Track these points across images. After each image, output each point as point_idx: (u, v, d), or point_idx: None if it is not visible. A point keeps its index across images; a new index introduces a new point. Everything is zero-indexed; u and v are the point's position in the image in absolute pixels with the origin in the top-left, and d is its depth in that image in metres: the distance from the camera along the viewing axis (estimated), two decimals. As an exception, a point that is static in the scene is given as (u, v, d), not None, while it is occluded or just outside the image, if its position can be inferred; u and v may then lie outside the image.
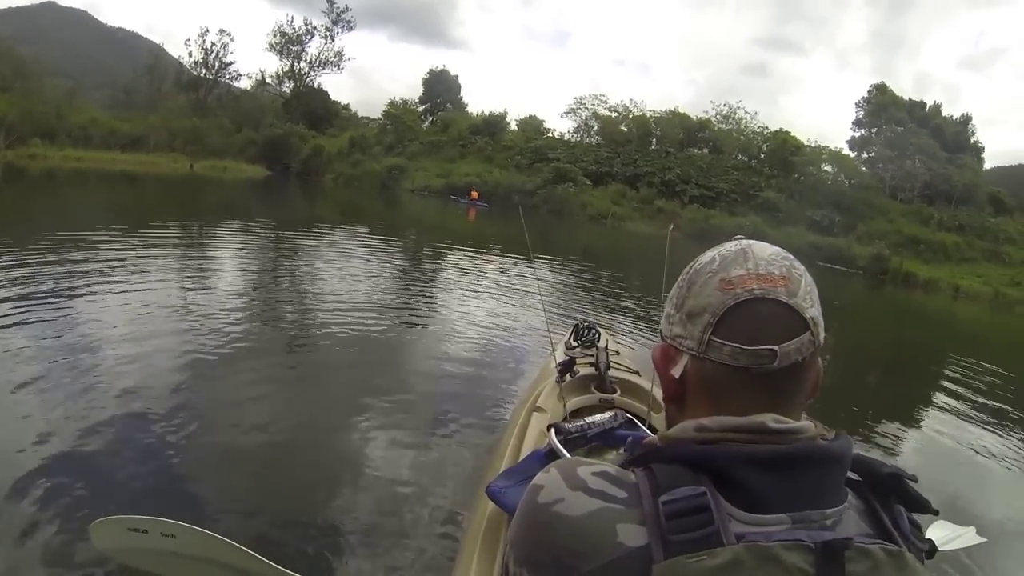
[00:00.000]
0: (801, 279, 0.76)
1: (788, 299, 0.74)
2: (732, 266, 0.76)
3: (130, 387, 4.38)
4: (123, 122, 43.80)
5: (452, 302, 9.41)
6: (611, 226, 41.12)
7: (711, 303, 0.75)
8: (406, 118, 57.56)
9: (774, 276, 0.74)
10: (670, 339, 0.81)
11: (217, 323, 6.27)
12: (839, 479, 0.73)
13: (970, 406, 7.81)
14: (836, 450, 0.73)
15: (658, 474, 0.71)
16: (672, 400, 0.82)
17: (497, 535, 1.82)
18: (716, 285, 0.76)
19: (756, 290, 0.74)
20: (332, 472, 3.70)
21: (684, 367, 0.79)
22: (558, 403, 2.86)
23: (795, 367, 0.74)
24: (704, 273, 0.78)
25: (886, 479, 0.76)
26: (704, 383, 0.77)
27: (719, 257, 0.78)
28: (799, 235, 42.04)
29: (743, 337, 0.73)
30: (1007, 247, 41.35)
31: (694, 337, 0.77)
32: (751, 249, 0.77)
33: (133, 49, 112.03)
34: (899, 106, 54.69)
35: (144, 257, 9.31)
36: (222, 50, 56.56)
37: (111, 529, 1.94)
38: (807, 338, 0.74)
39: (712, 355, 0.75)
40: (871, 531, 0.72)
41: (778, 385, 0.75)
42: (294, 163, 49.36)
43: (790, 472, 0.70)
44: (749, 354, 0.73)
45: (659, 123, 56.49)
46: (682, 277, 0.81)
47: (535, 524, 0.73)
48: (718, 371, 0.76)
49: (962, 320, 24.22)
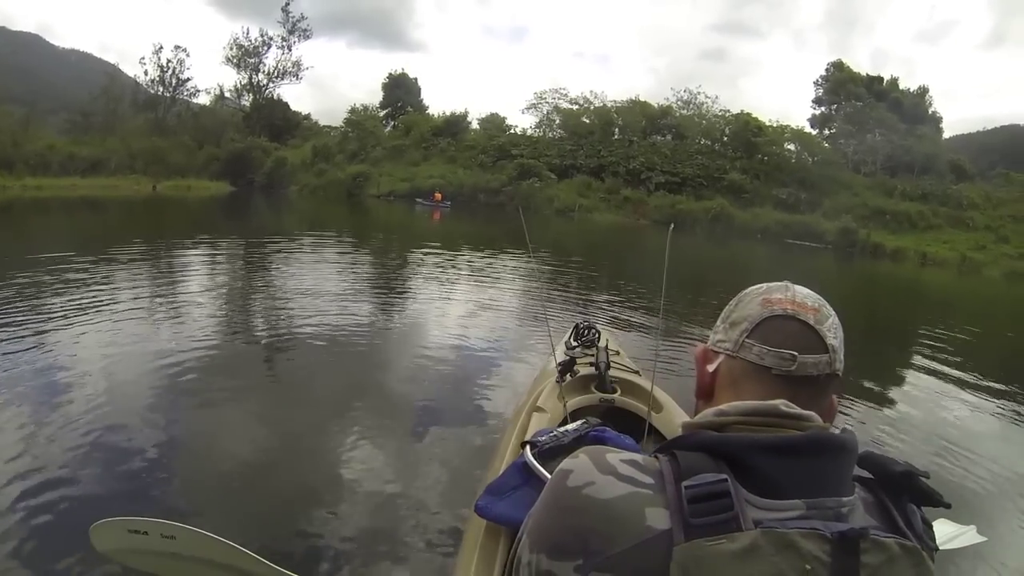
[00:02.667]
0: (830, 316, 0.87)
1: (815, 325, 0.84)
2: (775, 291, 0.89)
3: (110, 410, 4.35)
4: (81, 146, 43.16)
5: (442, 305, 9.52)
6: (578, 218, 41.62)
7: (750, 314, 0.87)
8: (368, 124, 57.69)
9: (807, 305, 0.86)
10: (712, 345, 0.93)
11: (201, 341, 6.24)
12: (849, 470, 0.78)
13: (944, 376, 7.87)
14: (846, 441, 0.78)
15: (681, 461, 0.75)
16: (703, 394, 0.93)
17: (493, 543, 1.84)
18: (758, 302, 0.88)
19: (790, 309, 0.85)
20: (330, 478, 3.72)
21: (718, 364, 0.90)
22: (558, 403, 2.86)
23: (811, 380, 0.83)
24: (751, 294, 0.91)
25: (899, 477, 0.79)
26: (731, 378, 0.88)
27: (766, 286, 0.91)
28: (766, 214, 43.31)
29: (771, 342, 0.84)
30: (970, 212, 42.68)
31: (732, 340, 0.88)
32: (793, 287, 0.90)
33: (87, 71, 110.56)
34: (857, 82, 56.02)
35: (112, 282, 9.15)
36: (178, 66, 56.25)
37: (111, 531, 1.96)
38: (825, 359, 0.84)
39: (743, 354, 0.86)
40: (880, 525, 0.75)
41: (793, 389, 0.83)
42: (258, 177, 49.10)
43: (802, 459, 0.75)
44: (773, 355, 0.83)
45: (621, 113, 57.39)
46: (733, 299, 0.95)
47: (565, 508, 0.77)
48: (745, 368, 0.86)
49: (931, 286, 24.88)
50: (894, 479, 0.79)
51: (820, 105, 57.43)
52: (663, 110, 56.75)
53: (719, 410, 0.83)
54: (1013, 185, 45.67)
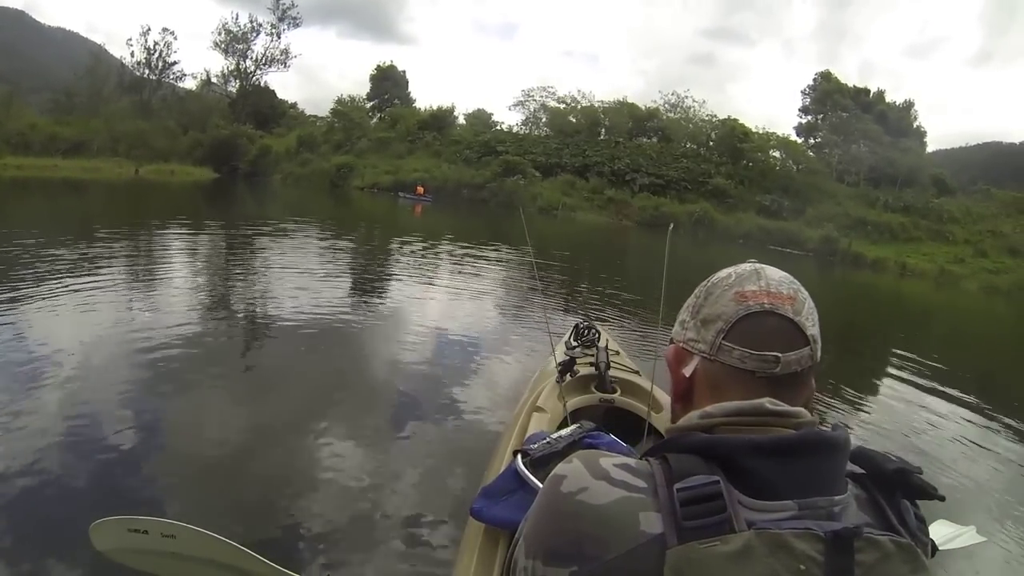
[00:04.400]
0: (805, 301, 0.85)
1: (793, 316, 0.82)
2: (746, 282, 0.85)
3: (83, 401, 4.30)
4: (64, 126, 43.28)
5: (441, 300, 9.61)
6: (561, 217, 41.93)
7: (725, 311, 0.84)
8: (354, 115, 57.91)
9: (783, 295, 0.84)
10: (683, 342, 0.90)
11: (187, 328, 6.22)
12: (841, 467, 0.78)
13: (921, 382, 8.06)
14: (839, 438, 0.77)
15: (672, 463, 0.75)
16: (680, 397, 0.91)
17: (492, 545, 1.85)
18: (731, 296, 0.85)
19: (766, 304, 0.82)
20: (328, 478, 3.71)
21: (695, 367, 0.87)
22: (558, 403, 2.86)
23: (794, 376, 0.82)
24: (720, 286, 0.87)
25: (892, 474, 0.80)
26: (711, 381, 0.85)
27: (735, 274, 0.88)
28: (749, 219, 43.89)
29: (751, 343, 0.82)
30: (950, 226, 43.34)
31: (707, 341, 0.85)
32: (764, 271, 0.87)
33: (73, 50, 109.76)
34: (844, 93, 56.78)
35: (92, 266, 8.96)
36: (165, 49, 56.35)
37: (111, 530, 1.96)
38: (807, 352, 0.82)
39: (722, 357, 0.83)
40: (873, 522, 0.76)
41: (776, 390, 0.81)
42: (242, 164, 49.40)
43: (795, 459, 0.74)
44: (756, 359, 0.81)
45: (608, 113, 57.89)
46: (699, 289, 0.91)
47: (559, 513, 0.77)
48: (725, 372, 0.83)
49: (909, 297, 25.32)
50: (887, 476, 0.80)
51: (806, 114, 58.14)
52: (650, 112, 57.21)
53: (704, 412, 0.82)
54: (993, 201, 46.36)
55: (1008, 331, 19.67)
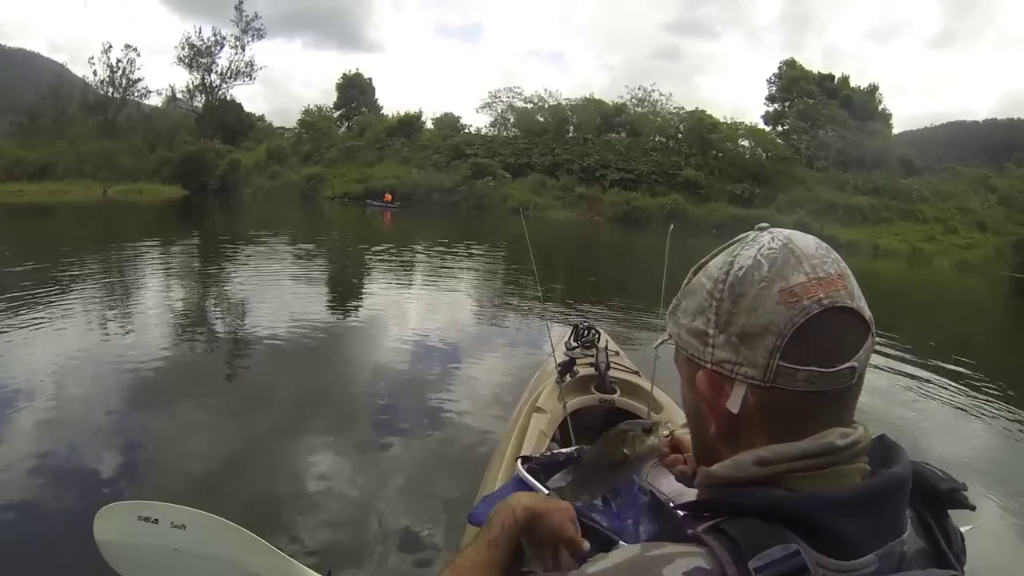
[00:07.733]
0: (847, 271, 0.69)
1: (852, 303, 0.66)
2: (788, 272, 0.66)
3: (70, 423, 4.40)
4: (28, 149, 43.44)
5: (433, 305, 9.76)
6: (533, 216, 42.37)
7: (774, 320, 0.65)
8: (321, 125, 58.56)
9: (833, 277, 0.66)
10: (714, 365, 0.70)
11: (168, 351, 6.32)
12: (907, 502, 0.68)
13: (900, 355, 8.32)
14: (909, 475, 0.68)
15: (735, 536, 0.62)
16: (723, 436, 0.73)
17: None
18: (776, 299, 0.66)
19: (824, 300, 0.65)
20: (327, 484, 3.75)
21: (743, 399, 0.69)
22: (558, 404, 2.82)
23: (860, 379, 0.68)
24: (753, 283, 0.67)
25: (944, 495, 0.71)
26: (769, 414, 0.68)
27: (765, 260, 0.68)
28: (721, 209, 45.08)
29: (819, 358, 0.65)
30: (920, 205, 44.91)
31: (756, 364, 0.67)
32: (798, 248, 0.68)
33: (35, 70, 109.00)
34: (809, 80, 58.09)
35: (65, 290, 9.06)
36: (129, 66, 56.26)
37: (119, 515, 1.89)
38: (871, 343, 0.68)
39: (781, 383, 0.66)
40: (927, 546, 0.69)
41: (847, 400, 0.68)
42: (211, 180, 49.49)
43: (879, 509, 0.64)
44: (828, 377, 0.65)
45: (575, 111, 58.62)
46: (715, 286, 0.71)
47: None
48: (787, 398, 0.66)
49: (883, 276, 25.66)
50: (938, 495, 0.72)
51: (773, 102, 59.25)
52: (617, 108, 58.17)
53: (760, 459, 0.67)
54: (960, 178, 47.63)
55: (982, 302, 20.79)
